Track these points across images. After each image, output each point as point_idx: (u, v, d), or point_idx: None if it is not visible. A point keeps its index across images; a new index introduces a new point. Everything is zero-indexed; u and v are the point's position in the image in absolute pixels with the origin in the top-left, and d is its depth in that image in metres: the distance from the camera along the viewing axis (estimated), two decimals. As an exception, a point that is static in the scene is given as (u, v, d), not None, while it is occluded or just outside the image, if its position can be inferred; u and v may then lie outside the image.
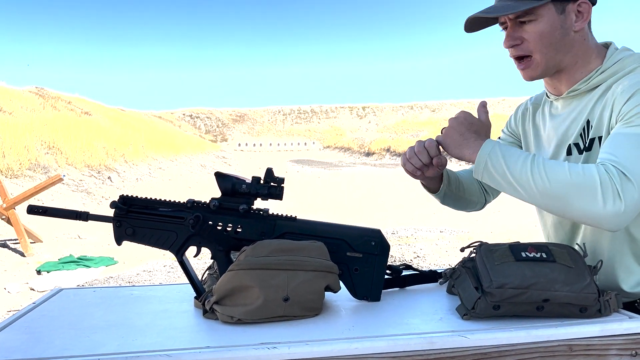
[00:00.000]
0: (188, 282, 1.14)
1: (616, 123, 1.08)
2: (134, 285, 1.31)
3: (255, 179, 1.10)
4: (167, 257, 6.21)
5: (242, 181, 1.10)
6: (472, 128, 1.14)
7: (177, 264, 5.87)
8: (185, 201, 1.10)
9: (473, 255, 1.10)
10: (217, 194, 1.12)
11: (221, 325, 1.00)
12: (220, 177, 1.10)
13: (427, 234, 7.73)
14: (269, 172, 1.10)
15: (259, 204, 1.12)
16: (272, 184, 1.09)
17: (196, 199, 1.11)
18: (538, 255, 1.01)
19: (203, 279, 1.20)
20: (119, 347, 0.90)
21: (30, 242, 6.59)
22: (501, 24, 1.19)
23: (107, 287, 1.30)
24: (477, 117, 1.17)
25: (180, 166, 21.14)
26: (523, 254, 1.01)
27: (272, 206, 1.13)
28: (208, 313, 1.03)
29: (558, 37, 1.14)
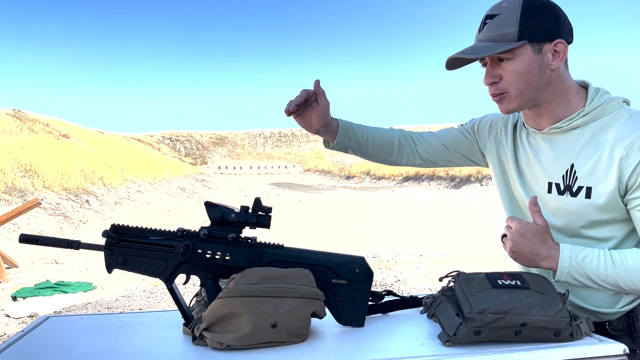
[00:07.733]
0: (174, 308, 1.15)
1: (632, 186, 1.12)
2: (121, 312, 1.32)
3: (244, 208, 1.13)
4: (146, 282, 6.13)
5: (231, 210, 1.13)
6: (536, 239, 1.12)
7: (156, 289, 5.81)
8: (175, 230, 1.13)
9: (451, 284, 1.14)
10: (196, 218, 1.16)
11: (211, 351, 1.02)
12: (209, 206, 1.13)
13: (407, 257, 7.78)
14: (257, 201, 1.13)
15: (247, 232, 1.16)
16: (260, 213, 1.13)
17: (186, 228, 1.13)
18: (513, 282, 1.07)
19: (191, 305, 1.22)
20: (111, 374, 0.92)
21: (6, 267, 6.46)
22: (481, 60, 1.23)
23: (95, 315, 1.31)
24: (532, 222, 1.14)
25: (160, 189, 20.97)
26: (499, 282, 1.07)
27: (257, 232, 1.16)
28: (197, 339, 1.05)
29: (535, 75, 1.17)
